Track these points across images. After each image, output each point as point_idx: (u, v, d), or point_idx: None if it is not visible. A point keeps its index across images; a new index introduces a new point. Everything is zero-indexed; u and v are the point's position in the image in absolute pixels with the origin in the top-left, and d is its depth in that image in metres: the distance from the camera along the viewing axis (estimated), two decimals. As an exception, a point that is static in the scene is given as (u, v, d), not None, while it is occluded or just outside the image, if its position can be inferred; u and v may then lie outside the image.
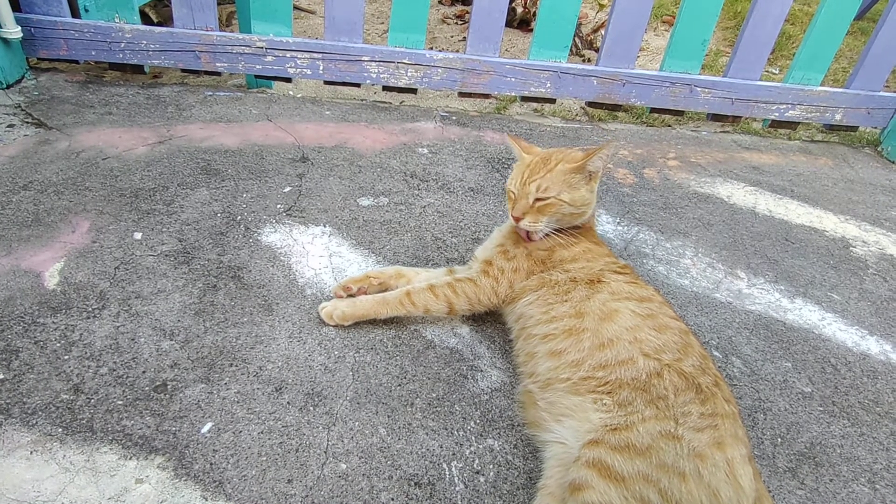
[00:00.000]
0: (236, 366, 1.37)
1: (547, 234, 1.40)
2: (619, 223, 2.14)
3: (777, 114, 3.04)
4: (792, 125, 3.12)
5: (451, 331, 1.53)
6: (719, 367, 1.50)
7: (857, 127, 3.15)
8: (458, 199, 2.13)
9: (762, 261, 2.04)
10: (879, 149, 3.14)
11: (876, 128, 3.16)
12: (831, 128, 3.17)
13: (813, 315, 1.81)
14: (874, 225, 2.44)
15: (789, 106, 3.01)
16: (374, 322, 1.51)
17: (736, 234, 2.17)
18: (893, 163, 3.03)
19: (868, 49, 2.93)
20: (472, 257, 1.54)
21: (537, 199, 1.36)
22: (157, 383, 1.31)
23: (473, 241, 1.91)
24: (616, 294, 1.25)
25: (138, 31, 2.62)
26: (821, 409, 1.48)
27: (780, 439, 1.38)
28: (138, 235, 1.73)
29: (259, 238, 1.77)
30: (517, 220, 1.37)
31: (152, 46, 2.64)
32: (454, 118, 2.78)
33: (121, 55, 2.66)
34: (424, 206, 2.06)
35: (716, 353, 1.59)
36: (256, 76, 2.81)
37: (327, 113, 2.63)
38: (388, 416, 1.29)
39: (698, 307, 1.76)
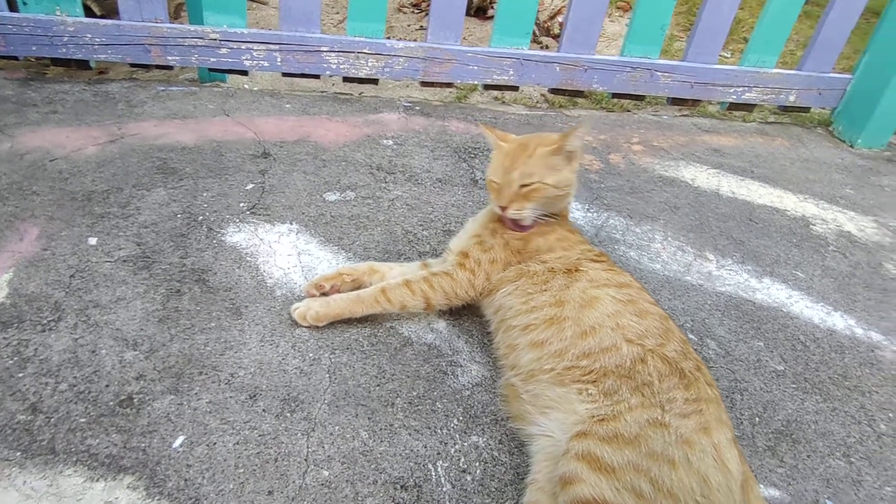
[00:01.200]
0: (206, 374, 1.33)
1: (534, 221, 1.38)
2: (588, 209, 2.14)
3: (735, 96, 3.08)
4: (748, 107, 3.17)
5: (427, 326, 1.51)
6: (696, 349, 1.49)
7: (810, 108, 3.22)
8: (426, 191, 2.11)
9: (729, 242, 2.06)
10: (831, 128, 3.22)
11: (826, 108, 3.24)
12: (785, 109, 3.24)
13: (780, 294, 1.84)
14: (831, 203, 2.50)
15: (746, 88, 3.06)
16: (348, 321, 1.48)
17: (702, 216, 2.19)
18: (844, 142, 3.11)
19: (818, 31, 2.99)
20: (447, 250, 1.51)
21: (522, 186, 1.34)
22: (123, 397, 1.26)
23: (445, 233, 1.89)
24: (595, 281, 1.25)
25: (82, 25, 2.49)
26: (794, 386, 1.51)
27: (757, 419, 1.40)
28: (93, 241, 1.66)
29: (223, 238, 1.72)
30: (504, 208, 1.35)
31: (98, 40, 2.52)
32: (417, 108, 2.75)
33: (64, 50, 2.53)
34: (393, 200, 2.03)
35: (691, 336, 1.61)
36: (210, 69, 2.71)
37: (287, 106, 2.57)
38: (369, 419, 1.27)
39: (671, 291, 1.78)
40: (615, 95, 3.03)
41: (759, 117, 3.29)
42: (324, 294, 1.49)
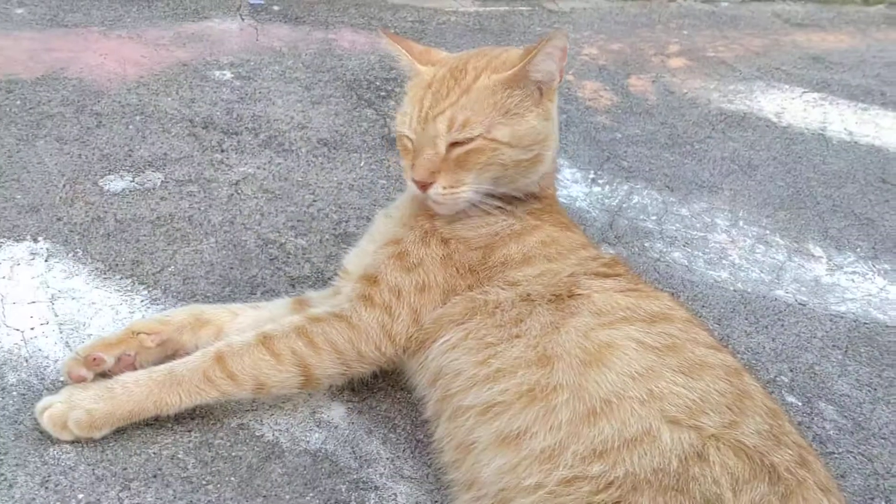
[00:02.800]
0: None
1: (476, 206, 1.22)
2: (594, 180, 1.80)
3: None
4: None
5: (311, 418, 1.23)
6: (800, 423, 1.30)
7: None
8: (300, 164, 1.73)
9: (848, 223, 1.75)
10: None
11: None
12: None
13: None
14: None
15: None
16: (155, 422, 1.17)
17: (798, 179, 1.86)
18: None
19: None
20: (341, 271, 1.32)
21: (453, 145, 1.16)
22: None
23: (338, 239, 1.57)
24: (605, 314, 1.08)
25: None
26: None
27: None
28: None
29: None
30: (423, 186, 1.16)
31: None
32: (276, 8, 2.26)
33: None
34: (236, 183, 1.65)
35: (790, 400, 1.37)
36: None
37: (19, 12, 2.06)
38: None
39: (749, 318, 1.51)
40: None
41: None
42: (103, 375, 1.20)
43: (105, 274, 1.44)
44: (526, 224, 1.23)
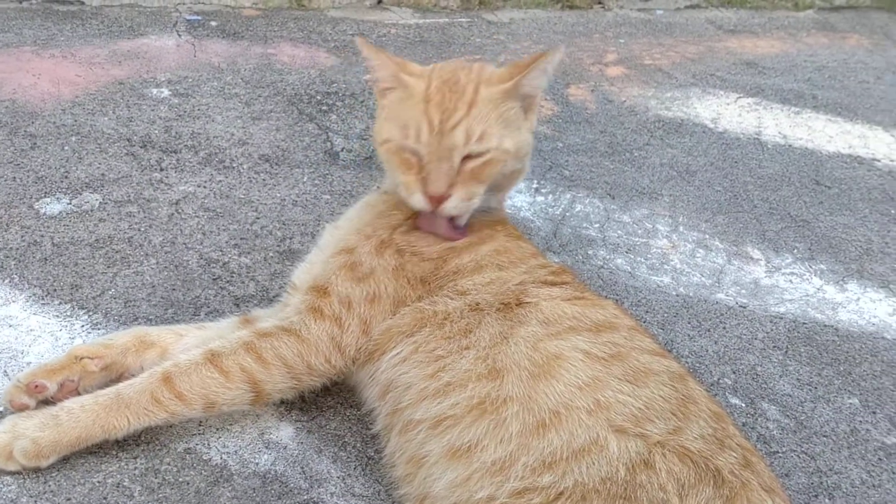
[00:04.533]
0: None
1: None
2: (537, 190, 1.81)
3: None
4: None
5: (259, 439, 1.21)
6: (745, 424, 1.31)
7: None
8: (242, 181, 1.72)
9: (784, 225, 1.77)
10: None
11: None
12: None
13: (878, 308, 1.58)
14: None
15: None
16: (100, 449, 1.15)
17: (735, 183, 1.89)
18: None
19: None
20: (288, 286, 1.30)
21: (466, 158, 1.17)
22: None
23: (282, 257, 1.55)
24: (552, 324, 1.09)
25: None
26: None
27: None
28: None
29: None
30: (438, 200, 1.16)
31: None
32: (214, 24, 2.25)
33: None
34: (177, 202, 1.64)
35: (734, 402, 1.38)
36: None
37: None
38: None
39: (692, 322, 1.53)
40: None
41: (821, -1, 3.00)
42: (46, 402, 1.19)
43: (43, 299, 1.41)
44: (482, 234, 1.24)
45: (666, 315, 1.50)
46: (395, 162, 1.22)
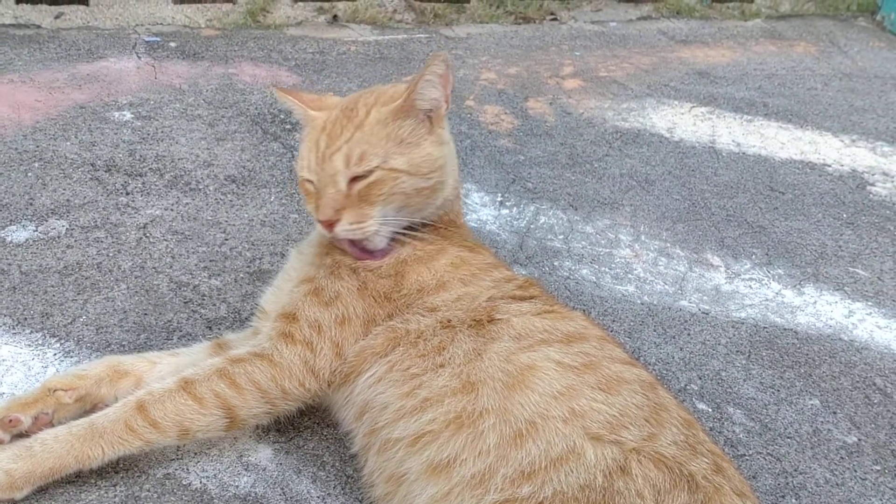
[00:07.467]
0: None
1: (394, 239, 1.23)
2: (501, 203, 1.81)
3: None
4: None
5: (238, 462, 1.21)
6: (712, 429, 1.33)
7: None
8: (209, 203, 1.70)
9: (742, 231, 1.79)
10: (878, 17, 2.71)
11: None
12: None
13: (834, 310, 1.59)
14: (895, 144, 2.22)
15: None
16: (79, 478, 1.13)
17: (692, 191, 1.90)
18: (899, 38, 2.88)
19: None
20: (258, 311, 1.31)
21: (354, 180, 1.17)
22: None
23: (252, 277, 1.54)
24: (524, 338, 1.10)
25: None
26: (878, 468, 1.27)
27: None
28: None
29: None
30: (330, 225, 1.17)
31: None
32: (174, 44, 2.22)
33: None
34: (144, 226, 1.62)
35: (701, 407, 1.40)
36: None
37: None
38: None
39: (657, 329, 1.54)
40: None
41: (767, 7, 2.90)
42: (21, 435, 1.17)
43: (14, 329, 1.39)
44: (431, 248, 1.23)
45: (632, 323, 1.51)
46: (303, 192, 1.24)
